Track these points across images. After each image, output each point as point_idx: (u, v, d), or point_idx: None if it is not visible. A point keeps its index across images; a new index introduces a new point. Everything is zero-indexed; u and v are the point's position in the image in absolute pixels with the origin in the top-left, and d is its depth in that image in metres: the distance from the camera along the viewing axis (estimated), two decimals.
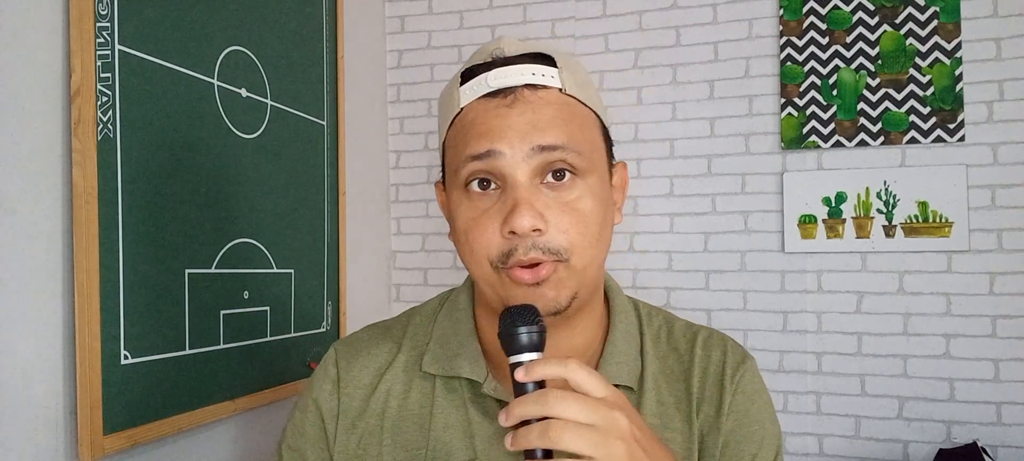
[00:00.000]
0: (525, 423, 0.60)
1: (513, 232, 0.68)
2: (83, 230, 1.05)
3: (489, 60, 0.74)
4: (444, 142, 0.77)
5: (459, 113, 0.74)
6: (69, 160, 1.05)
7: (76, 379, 1.04)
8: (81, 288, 1.04)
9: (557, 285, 0.70)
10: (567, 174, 0.70)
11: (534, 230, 0.68)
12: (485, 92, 0.72)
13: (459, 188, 0.72)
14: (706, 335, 0.83)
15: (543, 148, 0.69)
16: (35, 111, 1.02)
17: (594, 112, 0.76)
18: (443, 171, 0.78)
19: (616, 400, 0.62)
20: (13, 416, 0.98)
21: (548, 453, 0.60)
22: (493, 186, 0.71)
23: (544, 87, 0.72)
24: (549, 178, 0.70)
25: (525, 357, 0.64)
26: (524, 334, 0.64)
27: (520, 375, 0.62)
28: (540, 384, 0.62)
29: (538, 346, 0.65)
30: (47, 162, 1.03)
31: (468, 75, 0.74)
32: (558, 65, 0.74)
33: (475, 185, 0.71)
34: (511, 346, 0.65)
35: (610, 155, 0.78)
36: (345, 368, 0.83)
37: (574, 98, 0.74)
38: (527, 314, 0.66)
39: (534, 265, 0.69)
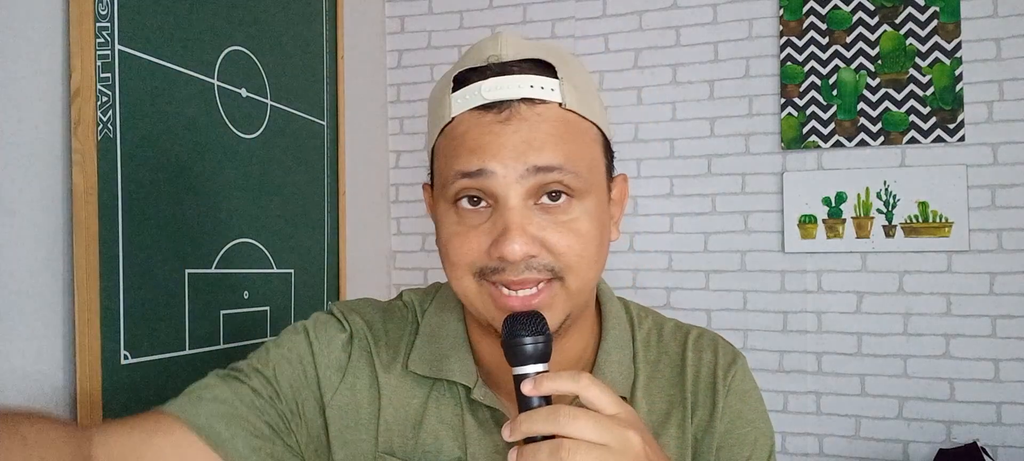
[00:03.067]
0: (531, 440, 0.57)
1: (502, 257, 0.64)
2: (83, 230, 1.04)
3: (484, 65, 0.68)
4: (433, 148, 0.72)
5: (450, 123, 0.68)
6: (69, 160, 1.05)
7: (76, 379, 1.04)
8: (81, 288, 1.04)
9: (552, 308, 0.67)
10: (563, 196, 0.66)
11: (527, 256, 0.64)
12: (478, 104, 0.66)
13: (447, 201, 0.68)
14: (696, 335, 0.82)
15: (539, 169, 0.64)
16: (35, 111, 1.02)
17: (595, 126, 0.71)
18: (432, 174, 0.74)
19: (628, 418, 0.59)
20: None
21: None
22: (483, 204, 0.67)
23: (543, 102, 0.66)
24: (544, 199, 0.66)
25: (531, 368, 0.60)
26: (530, 344, 0.61)
27: (528, 388, 0.59)
28: (545, 398, 0.60)
29: (545, 356, 0.62)
30: (47, 162, 1.03)
31: (460, 81, 0.69)
32: (559, 75, 0.68)
33: (465, 201, 0.67)
34: (515, 357, 0.61)
35: (610, 169, 0.74)
36: (356, 333, 0.80)
37: (574, 113, 0.68)
38: (532, 322, 0.62)
39: (529, 289, 0.66)
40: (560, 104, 0.67)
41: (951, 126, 1.71)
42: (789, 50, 1.82)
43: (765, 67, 1.85)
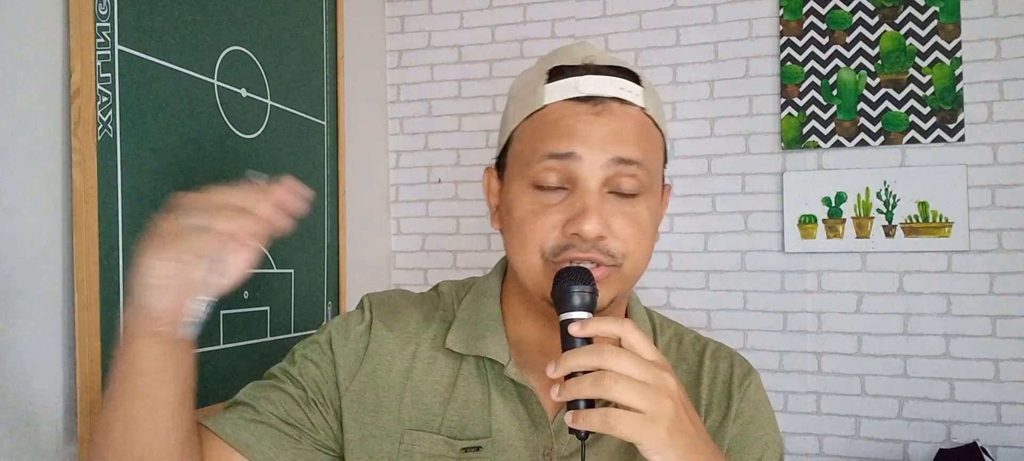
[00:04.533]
0: (571, 377, 0.62)
1: (577, 234, 0.70)
2: (83, 230, 1.04)
3: (580, 65, 0.75)
4: (513, 132, 0.78)
5: (541, 109, 0.75)
6: (69, 160, 1.05)
7: (76, 379, 1.04)
8: (81, 288, 1.04)
9: (606, 286, 0.72)
10: (632, 190, 0.73)
11: (599, 237, 0.71)
12: (574, 95, 0.74)
13: (525, 180, 0.74)
14: (714, 348, 0.86)
15: (621, 160, 0.72)
16: (35, 111, 1.02)
17: (662, 135, 0.79)
18: (502, 158, 0.80)
19: (665, 364, 0.64)
20: (13, 416, 0.98)
21: (590, 403, 0.62)
22: (560, 187, 0.73)
23: (631, 103, 0.74)
24: (615, 190, 0.73)
25: (577, 315, 0.66)
26: (577, 294, 0.67)
27: (575, 329, 0.64)
28: (588, 341, 0.65)
29: (590, 307, 0.67)
30: (47, 162, 1.03)
31: (556, 74, 0.75)
32: (642, 85, 0.76)
33: (543, 181, 0.73)
34: (564, 304, 0.67)
35: (663, 176, 0.81)
36: (379, 318, 0.84)
37: (651, 119, 0.77)
38: (581, 275, 0.68)
39: (590, 264, 0.71)
40: (642, 108, 0.76)
41: (951, 126, 1.71)
42: (789, 50, 1.82)
43: (765, 67, 1.85)
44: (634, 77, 0.76)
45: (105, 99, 1.09)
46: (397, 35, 2.13)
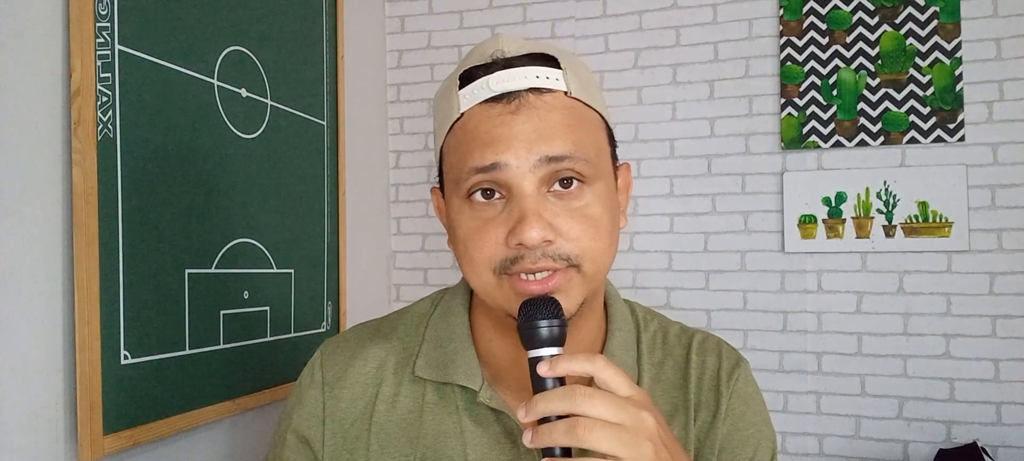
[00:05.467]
0: (545, 420, 0.58)
1: (521, 244, 0.65)
2: (83, 230, 1.04)
3: (489, 61, 0.69)
4: (442, 148, 0.73)
5: (459, 119, 0.70)
6: (69, 160, 1.05)
7: (76, 379, 1.04)
8: (81, 288, 1.04)
9: (568, 293, 0.67)
10: (574, 182, 0.68)
11: (544, 241, 0.65)
12: (487, 97, 0.68)
13: (460, 197, 0.69)
14: (701, 339, 0.83)
15: (551, 159, 0.66)
16: (35, 111, 1.02)
17: (599, 114, 0.73)
18: (441, 176, 0.75)
19: (642, 400, 0.60)
20: (13, 416, 0.98)
21: (566, 451, 0.59)
22: (497, 195, 0.68)
23: (549, 91, 0.68)
24: (556, 186, 0.67)
25: (546, 351, 0.62)
26: (545, 328, 0.63)
27: (544, 369, 0.60)
28: (560, 380, 0.61)
29: (559, 341, 0.63)
30: (47, 162, 1.03)
31: (467, 78, 0.70)
32: (562, 66, 0.70)
33: (478, 195, 0.68)
34: (531, 340, 0.63)
35: (614, 157, 0.75)
36: (331, 371, 0.81)
37: (579, 101, 0.70)
38: (548, 306, 0.64)
39: (546, 273, 0.66)
40: (565, 92, 0.69)
41: (951, 126, 1.71)
42: (789, 50, 1.82)
43: (765, 67, 1.85)
44: (551, 61, 0.70)
45: (105, 99, 1.09)
46: (397, 35, 2.13)
